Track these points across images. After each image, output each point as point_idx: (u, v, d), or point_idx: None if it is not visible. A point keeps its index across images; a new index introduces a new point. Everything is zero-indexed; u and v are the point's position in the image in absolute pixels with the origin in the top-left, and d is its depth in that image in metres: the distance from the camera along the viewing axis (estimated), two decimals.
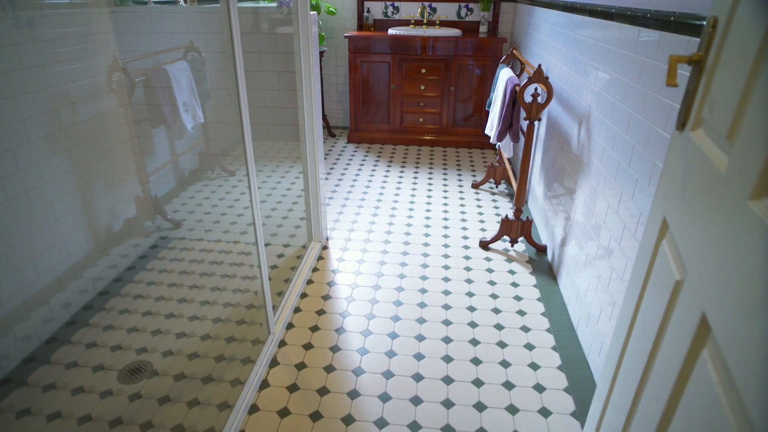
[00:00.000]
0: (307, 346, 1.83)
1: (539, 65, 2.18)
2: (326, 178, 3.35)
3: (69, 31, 1.78)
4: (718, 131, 0.71)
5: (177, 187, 2.64)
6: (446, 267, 2.34)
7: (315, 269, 2.31)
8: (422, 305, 2.06)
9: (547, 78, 2.16)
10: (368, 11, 4.03)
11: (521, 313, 2.02)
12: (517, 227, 2.42)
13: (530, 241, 2.45)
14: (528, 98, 2.22)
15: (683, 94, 0.86)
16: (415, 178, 3.39)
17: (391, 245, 2.52)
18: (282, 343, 1.84)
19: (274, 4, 2.90)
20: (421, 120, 3.95)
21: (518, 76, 2.89)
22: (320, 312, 2.02)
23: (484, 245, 2.51)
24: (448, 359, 1.77)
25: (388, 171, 3.50)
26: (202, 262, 2.31)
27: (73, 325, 1.87)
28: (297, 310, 2.03)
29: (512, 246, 2.51)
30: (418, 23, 3.99)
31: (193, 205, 2.67)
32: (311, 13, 2.06)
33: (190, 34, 2.48)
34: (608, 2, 1.78)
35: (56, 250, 1.81)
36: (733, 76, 0.68)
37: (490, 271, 2.31)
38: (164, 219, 2.44)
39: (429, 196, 3.10)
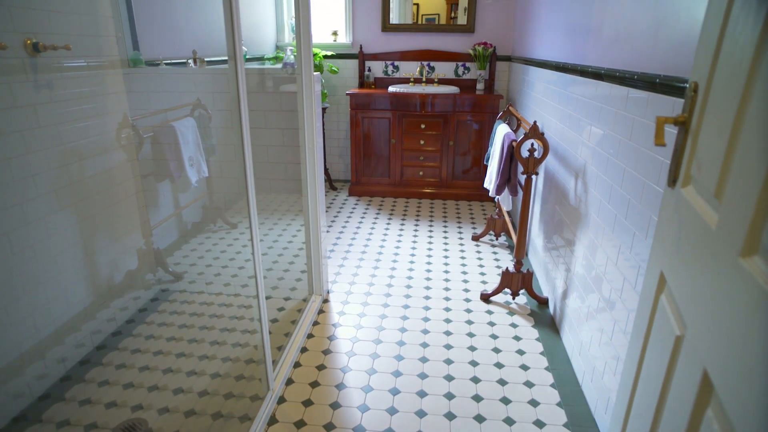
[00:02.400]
0: (307, 403, 1.78)
1: (534, 122, 2.25)
2: (327, 231, 3.38)
3: (84, 91, 1.86)
4: (707, 189, 0.73)
5: (179, 240, 2.66)
6: (447, 321, 2.32)
7: (316, 323, 2.29)
8: (424, 360, 2.03)
9: (542, 134, 2.23)
10: (369, 70, 4.20)
11: (524, 367, 1.98)
12: (518, 280, 2.42)
13: (531, 293, 2.44)
14: (525, 153, 2.29)
15: (672, 152, 0.90)
16: (416, 230, 3.41)
17: (392, 298, 2.51)
18: (281, 400, 1.80)
19: (279, 65, 3.04)
20: (421, 173, 4.03)
21: (515, 131, 2.98)
22: (320, 367, 1.98)
23: (486, 298, 2.50)
24: (450, 416, 1.72)
25: (388, 224, 3.53)
26: (202, 315, 2.29)
27: (68, 380, 1.83)
28: (297, 365, 2.00)
29: (513, 299, 2.49)
30: (417, 81, 4.16)
31: (195, 257, 2.68)
32: (314, 73, 2.16)
33: (198, 93, 2.59)
34: (598, 63, 1.87)
35: (57, 303, 1.80)
36: (716, 137, 0.71)
37: (491, 324, 2.29)
38: (166, 271, 2.44)
39: (430, 249, 3.11)
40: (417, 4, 4.06)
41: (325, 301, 2.48)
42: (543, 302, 2.46)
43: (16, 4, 1.52)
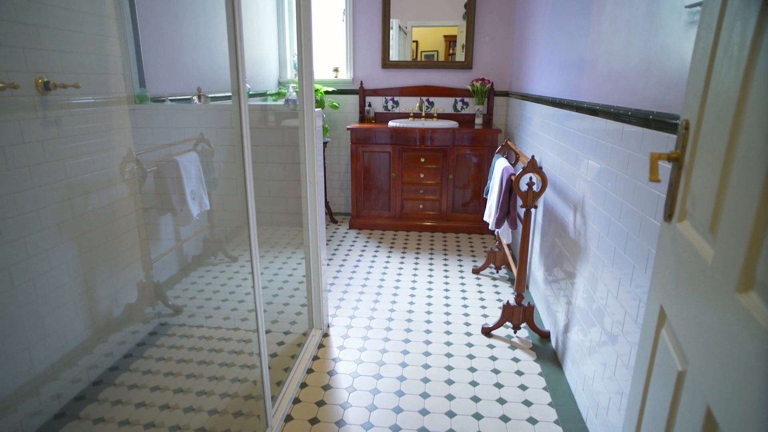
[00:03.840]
0: None
1: (533, 156, 2.29)
2: (328, 265, 3.38)
3: (90, 126, 1.90)
4: (702, 224, 0.74)
5: (180, 273, 2.66)
6: (449, 355, 2.29)
7: (316, 357, 2.26)
8: (425, 395, 2.00)
9: (540, 168, 2.26)
10: (369, 105, 4.29)
11: (527, 403, 1.95)
12: (519, 313, 2.40)
13: (533, 327, 2.42)
14: (523, 187, 2.31)
15: (667, 187, 0.92)
16: (416, 263, 3.41)
17: (393, 332, 2.49)
18: None
19: (282, 101, 3.10)
20: (421, 206, 4.05)
21: (513, 165, 3.02)
22: (320, 403, 1.95)
23: (487, 332, 2.48)
24: None
25: (389, 257, 3.53)
26: (201, 349, 2.27)
27: (62, 417, 1.80)
28: (296, 401, 1.96)
29: (515, 332, 2.47)
30: (416, 116, 4.23)
31: (195, 290, 2.67)
32: (316, 109, 2.21)
33: (201, 128, 2.64)
34: (593, 99, 1.92)
35: (54, 337, 1.79)
36: (709, 173, 0.73)
37: (493, 358, 2.26)
38: (165, 305, 2.43)
39: (430, 282, 3.10)
40: (416, 42, 4.18)
41: (326, 335, 2.46)
42: (545, 336, 2.43)
43: (31, 45, 1.57)
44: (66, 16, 1.76)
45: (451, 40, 4.15)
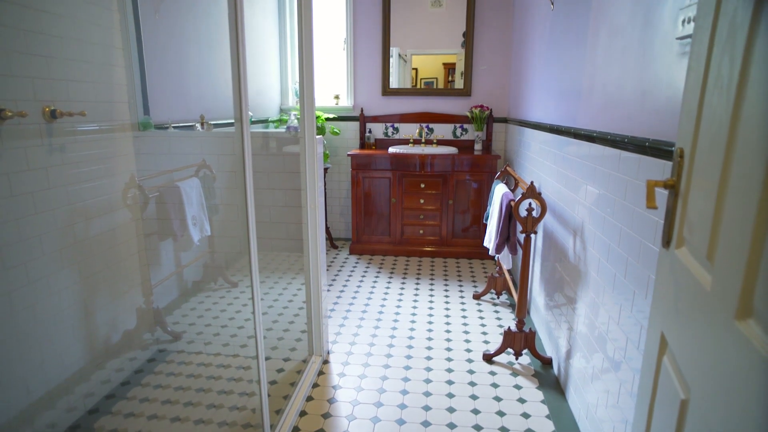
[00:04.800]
0: None
1: (532, 182, 2.31)
2: (328, 290, 3.36)
3: (94, 153, 1.92)
4: (699, 251, 0.75)
5: (179, 298, 2.64)
6: (450, 382, 2.26)
7: (315, 385, 2.23)
8: (426, 424, 1.96)
9: (539, 193, 2.28)
10: (370, 131, 4.34)
11: None
12: (521, 339, 2.38)
13: (535, 353, 2.40)
14: (523, 212, 2.32)
15: (664, 214, 0.93)
16: (417, 289, 3.40)
17: (393, 359, 2.47)
18: None
19: (283, 129, 3.15)
20: (421, 232, 4.06)
21: (513, 190, 3.04)
22: None
23: (488, 358, 2.45)
24: None
25: (389, 282, 3.52)
26: (200, 377, 2.24)
27: None
28: (296, 429, 1.93)
29: (516, 359, 2.45)
30: (416, 142, 4.28)
31: (194, 316, 2.65)
32: (317, 136, 2.24)
33: (203, 155, 2.67)
34: (590, 126, 1.95)
35: (51, 364, 1.77)
36: (704, 200, 0.74)
37: (495, 386, 2.23)
38: (164, 331, 2.41)
39: (431, 308, 3.09)
40: (416, 69, 4.26)
41: (325, 362, 2.43)
42: (546, 362, 2.41)
43: (40, 75, 1.61)
44: (75, 47, 1.80)
45: (450, 68, 4.23)
